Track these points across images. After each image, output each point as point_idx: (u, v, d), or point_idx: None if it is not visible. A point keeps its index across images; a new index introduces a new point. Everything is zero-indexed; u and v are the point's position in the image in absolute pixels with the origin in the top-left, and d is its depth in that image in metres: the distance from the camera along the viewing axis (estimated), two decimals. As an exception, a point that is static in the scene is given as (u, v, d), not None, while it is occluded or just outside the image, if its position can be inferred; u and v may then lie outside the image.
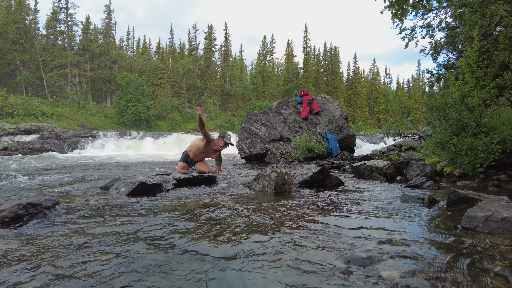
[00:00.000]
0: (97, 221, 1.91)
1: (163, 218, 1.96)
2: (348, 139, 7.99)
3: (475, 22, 6.23)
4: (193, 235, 1.61)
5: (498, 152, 3.24)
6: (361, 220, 1.96)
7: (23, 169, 6.22)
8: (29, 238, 1.58)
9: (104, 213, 2.11)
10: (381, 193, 2.97)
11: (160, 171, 5.56)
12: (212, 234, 1.62)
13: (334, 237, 1.59)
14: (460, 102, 3.64)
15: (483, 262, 1.24)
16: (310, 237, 1.59)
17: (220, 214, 2.08)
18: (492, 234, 1.58)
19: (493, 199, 1.91)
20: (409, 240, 1.53)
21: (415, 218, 1.98)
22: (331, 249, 1.40)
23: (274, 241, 1.52)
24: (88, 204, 2.40)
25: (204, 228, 1.74)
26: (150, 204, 2.42)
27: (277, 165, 3.22)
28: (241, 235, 1.60)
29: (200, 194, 2.95)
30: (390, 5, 6.32)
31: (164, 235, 1.61)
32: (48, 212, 2.03)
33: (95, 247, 1.43)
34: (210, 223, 1.86)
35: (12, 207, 1.87)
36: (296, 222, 1.90)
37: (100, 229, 1.72)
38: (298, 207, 2.34)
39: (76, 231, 1.69)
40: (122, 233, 1.65)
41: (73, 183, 3.88)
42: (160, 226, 1.79)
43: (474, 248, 1.41)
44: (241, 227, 1.75)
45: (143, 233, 1.64)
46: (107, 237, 1.58)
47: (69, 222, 1.87)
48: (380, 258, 1.28)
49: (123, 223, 1.85)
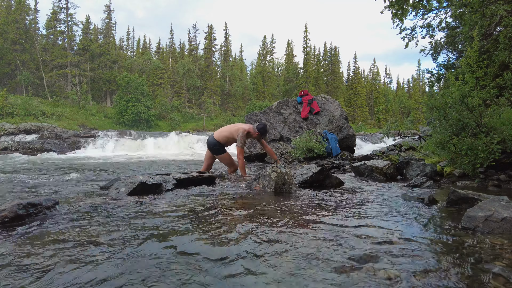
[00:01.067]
0: (97, 221, 1.91)
1: (163, 218, 1.96)
2: (348, 139, 7.99)
3: (475, 22, 6.23)
4: (193, 235, 1.61)
5: (498, 152, 3.24)
6: (361, 219, 1.96)
7: (23, 169, 6.22)
8: (29, 238, 1.58)
9: (104, 213, 2.11)
10: (381, 193, 2.97)
11: (160, 171, 5.56)
12: (212, 234, 1.62)
13: (334, 236, 1.59)
14: (460, 102, 3.64)
15: (483, 262, 1.24)
16: (311, 236, 1.59)
17: (220, 214, 2.08)
18: (492, 234, 1.58)
19: (493, 199, 1.91)
20: (409, 240, 1.53)
21: (415, 218, 1.98)
22: (332, 249, 1.40)
23: (274, 241, 1.52)
24: (88, 204, 2.41)
25: (204, 228, 1.74)
26: (150, 204, 2.42)
27: (277, 165, 3.22)
28: (241, 235, 1.60)
29: (200, 194, 2.95)
30: (390, 5, 6.32)
31: (164, 235, 1.61)
32: (48, 212, 2.04)
33: (95, 247, 1.43)
34: (210, 223, 1.86)
35: (12, 207, 1.87)
36: (296, 222, 1.90)
37: (100, 229, 1.72)
38: (298, 207, 2.34)
39: (76, 231, 1.69)
40: (122, 233, 1.65)
41: (73, 183, 3.88)
42: (160, 226, 1.79)
43: (474, 248, 1.41)
44: (240, 227, 1.75)
45: (143, 233, 1.64)
46: (107, 237, 1.58)
47: (69, 222, 1.88)
48: (381, 258, 1.28)
49: (123, 223, 1.85)
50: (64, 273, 1.16)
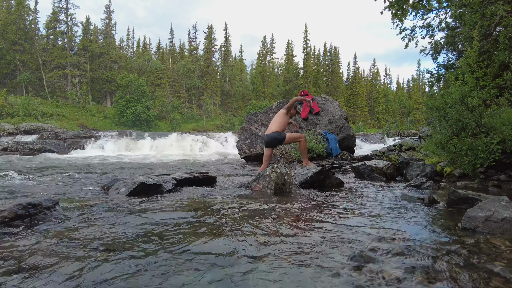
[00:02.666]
0: (97, 221, 1.91)
1: (163, 219, 1.96)
2: (348, 139, 7.99)
3: (475, 22, 6.23)
4: (192, 235, 1.61)
5: (498, 152, 3.24)
6: (361, 219, 1.96)
7: (23, 170, 6.22)
8: (29, 239, 1.58)
9: (104, 214, 2.11)
10: (381, 193, 2.97)
11: (160, 171, 5.56)
12: (212, 235, 1.62)
13: (334, 236, 1.59)
14: (460, 102, 3.64)
15: (483, 262, 1.24)
16: (311, 236, 1.59)
17: (219, 215, 2.08)
18: (492, 235, 1.58)
19: (493, 199, 1.91)
20: (409, 240, 1.53)
21: (415, 218, 1.98)
22: (332, 248, 1.40)
23: (274, 241, 1.52)
24: (88, 204, 2.41)
25: (204, 229, 1.74)
26: (150, 205, 2.42)
27: (277, 165, 3.22)
28: (241, 236, 1.60)
29: (200, 194, 2.95)
30: (390, 6, 6.31)
31: (164, 235, 1.61)
32: (48, 213, 2.03)
33: (95, 247, 1.43)
34: (210, 223, 1.86)
35: (12, 207, 1.87)
36: (296, 222, 1.90)
37: (100, 229, 1.72)
38: (298, 207, 2.34)
39: (76, 232, 1.69)
40: (122, 233, 1.65)
41: (73, 183, 3.88)
42: (160, 226, 1.79)
43: (474, 248, 1.41)
44: (240, 228, 1.75)
45: (143, 233, 1.64)
46: (107, 237, 1.58)
47: (69, 222, 1.88)
48: (381, 257, 1.28)
49: (123, 223, 1.85)
50: (64, 273, 1.16)
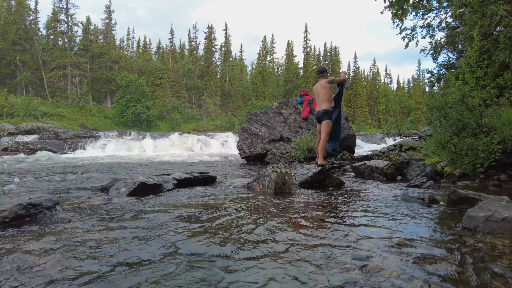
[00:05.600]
0: (97, 221, 1.91)
1: (163, 219, 1.96)
2: (348, 139, 7.99)
3: (475, 22, 6.23)
4: (192, 236, 1.61)
5: (498, 152, 3.24)
6: (362, 219, 1.96)
7: (23, 170, 6.22)
8: (29, 239, 1.58)
9: (104, 214, 2.11)
10: (381, 193, 2.97)
11: (160, 171, 5.56)
12: (212, 234, 1.62)
13: (335, 236, 1.59)
14: (460, 102, 3.64)
15: (483, 262, 1.24)
16: (311, 236, 1.59)
17: (219, 215, 2.08)
18: (493, 234, 1.58)
19: (494, 199, 1.91)
20: (410, 240, 1.53)
21: (415, 218, 1.98)
22: (332, 248, 1.40)
23: (274, 241, 1.52)
24: (88, 204, 2.41)
25: (204, 229, 1.74)
26: (150, 205, 2.42)
27: (277, 165, 3.22)
28: (241, 235, 1.60)
29: (200, 194, 2.95)
30: (390, 5, 6.31)
31: (163, 235, 1.61)
32: (49, 212, 2.04)
33: (95, 247, 1.43)
34: (210, 223, 1.86)
35: (13, 207, 1.87)
36: (296, 222, 1.90)
37: (100, 229, 1.72)
38: (299, 207, 2.34)
39: (76, 231, 1.69)
40: (122, 233, 1.65)
41: (74, 183, 3.88)
42: (160, 226, 1.79)
43: (474, 248, 1.41)
44: (240, 227, 1.75)
45: (143, 233, 1.64)
46: (107, 237, 1.58)
47: (69, 222, 1.88)
48: (381, 257, 1.28)
49: (123, 223, 1.85)
50: (64, 272, 1.16)
